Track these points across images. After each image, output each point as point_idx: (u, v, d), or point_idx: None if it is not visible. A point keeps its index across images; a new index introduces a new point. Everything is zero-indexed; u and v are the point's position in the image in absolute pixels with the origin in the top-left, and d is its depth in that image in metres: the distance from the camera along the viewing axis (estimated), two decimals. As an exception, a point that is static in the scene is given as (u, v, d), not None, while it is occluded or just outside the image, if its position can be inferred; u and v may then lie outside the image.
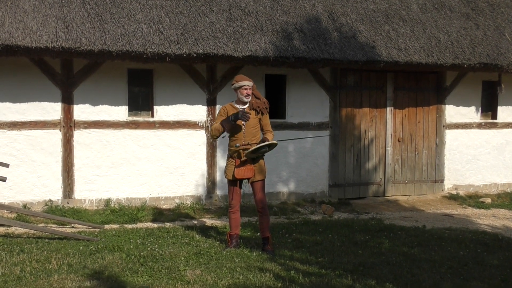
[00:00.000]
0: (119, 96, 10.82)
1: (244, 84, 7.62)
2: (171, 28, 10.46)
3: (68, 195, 10.61)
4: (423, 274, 6.74)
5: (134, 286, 6.02)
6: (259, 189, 7.77)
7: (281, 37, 11.08)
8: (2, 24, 9.50)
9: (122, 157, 10.87)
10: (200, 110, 11.32)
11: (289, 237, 8.86)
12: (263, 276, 6.47)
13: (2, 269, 6.53)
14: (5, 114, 10.20)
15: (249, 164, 7.69)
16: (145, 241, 8.17)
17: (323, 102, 12.20)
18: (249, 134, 7.67)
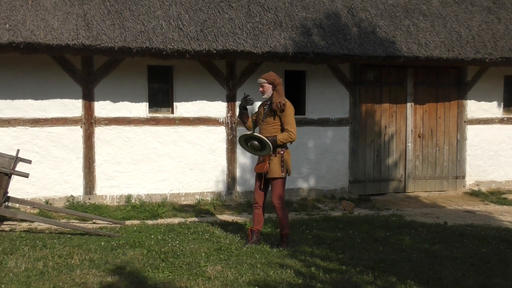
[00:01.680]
0: (139, 93, 10.87)
1: (258, 81, 7.83)
2: (190, 24, 10.48)
3: (89, 191, 10.69)
4: (445, 271, 6.69)
5: (155, 282, 6.04)
6: (274, 186, 7.77)
7: (301, 33, 11.05)
8: (24, 22, 9.58)
9: (142, 153, 10.92)
10: (220, 106, 11.34)
11: (310, 233, 8.84)
12: (283, 273, 6.47)
13: (26, 264, 6.59)
14: (27, 111, 10.29)
15: (266, 161, 7.71)
16: (166, 237, 8.20)
17: (343, 98, 12.15)
18: (265, 131, 7.71)
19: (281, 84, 7.82)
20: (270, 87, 7.73)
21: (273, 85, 7.72)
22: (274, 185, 7.76)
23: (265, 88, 7.75)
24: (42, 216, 9.31)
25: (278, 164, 7.70)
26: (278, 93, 7.71)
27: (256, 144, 7.63)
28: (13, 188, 9.13)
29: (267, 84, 7.73)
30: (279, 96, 7.69)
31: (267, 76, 7.80)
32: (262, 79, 7.78)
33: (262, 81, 7.76)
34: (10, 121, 10.21)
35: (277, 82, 7.74)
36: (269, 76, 7.78)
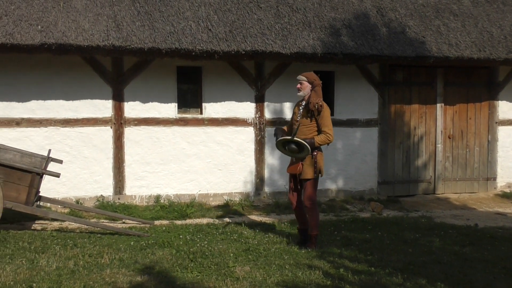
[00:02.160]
0: (168, 94, 10.93)
1: (298, 78, 7.83)
2: (219, 25, 10.51)
3: (119, 191, 10.78)
4: (476, 274, 6.61)
5: (184, 282, 6.07)
6: (306, 187, 7.75)
7: (329, 34, 11.02)
8: (56, 23, 9.71)
9: (171, 153, 10.98)
10: (249, 107, 11.35)
11: (338, 234, 8.81)
12: (312, 274, 6.46)
13: (57, 263, 6.67)
14: (58, 112, 10.42)
15: (298, 162, 7.70)
16: (195, 237, 8.24)
17: (371, 99, 12.08)
18: (301, 133, 7.68)
19: (320, 85, 7.78)
20: (308, 86, 7.71)
21: (312, 85, 7.71)
22: (306, 186, 7.73)
23: (303, 86, 7.73)
24: (72, 215, 9.43)
25: (311, 165, 7.68)
26: (316, 93, 7.68)
27: (294, 148, 7.61)
28: (44, 187, 9.25)
29: (306, 83, 7.71)
30: (317, 97, 7.65)
31: (308, 74, 7.79)
32: (303, 76, 7.76)
33: (302, 79, 7.73)
34: (42, 121, 10.35)
35: (316, 82, 7.72)
36: (309, 75, 7.78)
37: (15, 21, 9.58)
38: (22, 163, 8.39)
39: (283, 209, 10.84)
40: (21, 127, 10.28)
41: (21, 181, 7.83)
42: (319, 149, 7.78)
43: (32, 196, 7.91)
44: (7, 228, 8.59)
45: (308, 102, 7.68)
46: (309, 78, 7.73)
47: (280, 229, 9.17)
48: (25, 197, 7.87)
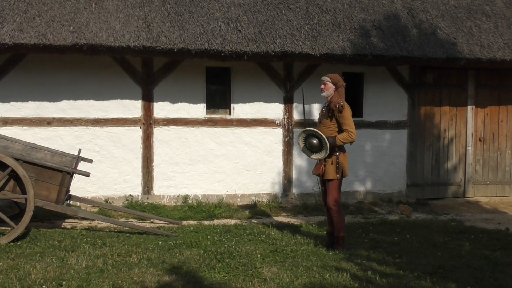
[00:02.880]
0: (197, 94, 10.98)
1: (322, 79, 7.86)
2: (249, 26, 10.53)
3: (147, 191, 10.85)
4: (507, 279, 6.51)
5: (212, 282, 6.08)
6: (329, 188, 7.73)
7: (359, 35, 10.96)
8: (87, 24, 9.81)
9: (199, 154, 11.02)
10: (277, 108, 11.34)
11: (366, 236, 8.76)
12: (339, 276, 6.43)
13: (86, 261, 6.74)
14: (89, 112, 10.53)
15: (322, 163, 7.71)
16: (222, 238, 8.25)
17: (401, 101, 11.99)
18: (322, 133, 7.67)
19: (343, 87, 7.79)
20: (332, 87, 7.73)
21: (335, 86, 7.72)
22: (329, 187, 7.73)
23: (326, 87, 7.76)
24: (102, 214, 9.51)
25: (333, 165, 7.67)
26: (339, 94, 7.71)
27: (315, 144, 7.60)
28: (74, 186, 9.34)
29: (330, 83, 7.74)
30: (339, 97, 7.66)
31: (332, 76, 7.82)
32: (327, 77, 7.79)
33: (326, 79, 7.77)
34: (72, 121, 10.46)
35: (340, 84, 7.74)
36: (334, 76, 7.80)
37: (48, 21, 9.71)
38: (53, 162, 8.49)
39: (310, 210, 10.81)
40: (52, 126, 10.41)
41: (52, 180, 7.92)
42: (342, 150, 7.75)
43: (63, 195, 7.99)
44: (38, 226, 8.71)
45: (330, 102, 7.70)
46: (333, 79, 7.76)
47: (307, 230, 9.14)
48: (56, 196, 7.95)
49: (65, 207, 8.22)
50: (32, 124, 10.32)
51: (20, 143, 8.57)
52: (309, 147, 7.70)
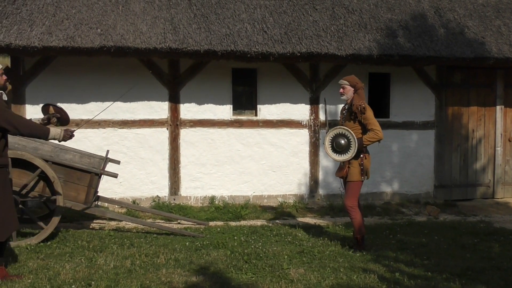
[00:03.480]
0: (223, 95, 11.01)
1: (339, 82, 7.85)
2: (274, 27, 10.53)
3: (174, 192, 10.91)
4: (537, 281, 6.43)
5: (239, 283, 6.09)
6: (349, 188, 7.72)
7: (385, 35, 10.90)
8: (114, 26, 9.90)
9: (226, 155, 11.05)
10: (303, 109, 11.33)
11: (393, 238, 8.70)
12: (367, 277, 6.39)
13: (114, 262, 6.79)
14: (117, 113, 10.62)
15: (346, 165, 7.70)
16: (249, 239, 8.26)
17: (428, 101, 11.89)
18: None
19: (363, 88, 7.77)
20: (351, 89, 7.71)
21: (354, 88, 7.69)
22: (349, 187, 7.71)
23: (345, 90, 7.74)
24: (129, 215, 9.58)
25: (357, 167, 7.64)
26: (359, 96, 7.68)
27: (342, 144, 7.55)
28: (102, 187, 9.41)
29: (349, 86, 7.72)
30: (360, 99, 7.64)
31: (349, 78, 7.80)
32: (344, 80, 7.77)
33: (344, 83, 7.75)
34: (100, 122, 10.56)
35: (359, 85, 7.71)
36: (351, 79, 7.78)
37: (76, 24, 9.82)
38: (82, 163, 8.57)
39: (337, 211, 10.77)
40: (81, 128, 10.51)
41: (81, 181, 8.00)
42: (367, 151, 7.73)
43: (91, 196, 8.06)
44: (66, 227, 8.81)
45: (351, 104, 7.69)
46: (351, 81, 7.73)
47: (334, 231, 9.11)
48: (84, 197, 8.02)
49: (93, 208, 8.29)
50: (61, 125, 10.43)
51: (49, 145, 8.67)
52: (336, 147, 7.65)
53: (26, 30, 9.56)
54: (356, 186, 7.69)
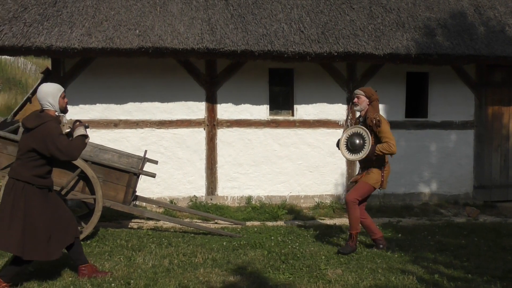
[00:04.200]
0: (260, 95, 11.02)
1: (355, 92, 7.73)
2: (311, 27, 10.50)
3: (211, 192, 10.96)
4: None
5: (276, 283, 6.10)
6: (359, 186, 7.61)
7: (424, 34, 10.78)
8: (152, 27, 9.99)
9: (263, 155, 11.06)
10: (340, 109, 11.27)
11: (432, 239, 8.62)
12: (405, 279, 6.34)
13: (153, 261, 6.87)
14: (154, 114, 10.72)
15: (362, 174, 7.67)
16: (286, 239, 8.26)
17: (467, 100, 11.71)
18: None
19: (377, 100, 7.64)
20: (366, 100, 7.59)
21: (369, 100, 7.57)
22: (360, 185, 7.59)
23: (360, 100, 7.61)
24: (167, 215, 9.67)
25: (378, 174, 7.56)
26: (373, 108, 7.55)
27: (356, 144, 7.47)
28: (140, 187, 9.51)
29: (363, 97, 7.59)
30: (374, 111, 7.52)
31: (366, 89, 7.68)
32: (360, 91, 7.64)
33: (359, 93, 7.62)
34: (138, 122, 10.67)
35: (374, 97, 7.58)
36: (367, 90, 7.65)
37: (115, 26, 9.94)
38: (120, 163, 8.69)
39: (374, 212, 10.70)
40: (119, 128, 10.65)
41: (119, 180, 8.10)
42: (386, 163, 7.66)
43: (129, 195, 8.16)
44: (105, 226, 8.93)
45: (365, 117, 7.58)
46: (366, 92, 7.60)
47: (372, 232, 9.05)
48: (123, 196, 8.12)
49: (132, 207, 8.39)
50: (100, 126, 10.57)
51: (89, 145, 8.80)
52: (350, 146, 7.55)
53: (67, 32, 9.71)
54: (367, 189, 7.58)
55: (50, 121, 5.65)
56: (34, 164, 5.63)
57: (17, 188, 5.59)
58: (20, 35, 9.57)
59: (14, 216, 5.53)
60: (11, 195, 5.58)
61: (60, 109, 5.84)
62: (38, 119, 5.67)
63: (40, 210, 5.64)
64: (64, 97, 5.91)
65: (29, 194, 5.60)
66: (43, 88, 5.81)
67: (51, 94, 5.76)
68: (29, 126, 5.66)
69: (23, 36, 9.58)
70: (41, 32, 9.67)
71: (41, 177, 5.69)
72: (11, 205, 5.56)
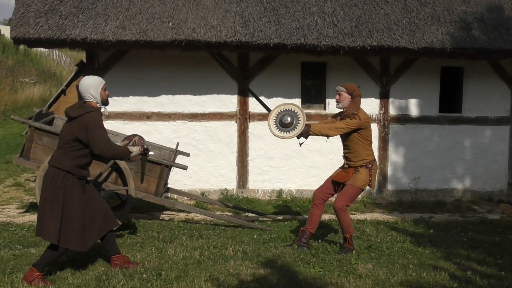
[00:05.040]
0: (292, 89, 10.99)
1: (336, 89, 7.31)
2: (345, 20, 10.42)
3: (242, 185, 10.98)
4: None
5: (306, 277, 6.07)
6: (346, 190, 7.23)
7: (459, 28, 10.62)
8: (186, 20, 10.03)
9: (294, 149, 10.99)
10: (373, 103, 11.19)
11: (465, 236, 8.51)
12: (437, 275, 6.26)
13: (183, 253, 6.89)
14: (186, 106, 10.76)
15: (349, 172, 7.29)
16: (316, 233, 8.17)
17: (503, 96, 11.53)
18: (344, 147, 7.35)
19: (360, 96, 7.18)
20: (347, 97, 7.13)
21: (351, 96, 7.12)
22: (348, 189, 7.21)
23: (342, 97, 7.17)
24: (198, 207, 9.71)
25: (365, 174, 7.18)
26: (354, 104, 7.11)
27: (289, 122, 7.06)
28: (171, 179, 9.55)
29: (345, 93, 7.14)
30: (355, 107, 7.09)
31: (347, 85, 7.22)
32: (341, 87, 7.20)
33: (341, 89, 7.18)
34: (170, 115, 10.73)
35: (356, 93, 7.14)
36: (349, 86, 7.20)
37: (149, 18, 10.00)
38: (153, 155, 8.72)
39: (406, 207, 10.63)
40: (151, 120, 10.72)
41: (151, 172, 8.14)
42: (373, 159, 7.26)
43: (161, 187, 8.20)
44: (137, 217, 9.00)
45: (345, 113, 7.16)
46: (348, 89, 7.15)
47: (403, 227, 8.99)
48: (155, 188, 8.17)
49: (163, 199, 8.44)
50: (133, 118, 10.66)
51: (122, 137, 8.87)
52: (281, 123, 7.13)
53: (101, 25, 9.80)
54: (356, 192, 7.24)
55: (93, 112, 5.71)
56: (75, 154, 5.68)
57: (58, 177, 5.65)
58: (55, 28, 9.69)
59: (54, 206, 5.61)
60: (52, 184, 5.65)
61: (101, 101, 5.90)
62: (81, 108, 5.73)
63: (78, 201, 5.70)
64: (105, 89, 5.97)
65: (69, 184, 5.66)
66: (85, 81, 5.87)
67: (92, 86, 5.83)
68: (73, 115, 5.71)
69: (59, 28, 9.70)
70: (76, 24, 9.78)
71: (81, 167, 5.75)
72: (52, 194, 5.63)
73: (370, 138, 7.26)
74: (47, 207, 5.64)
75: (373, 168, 7.23)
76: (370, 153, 7.24)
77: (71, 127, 5.69)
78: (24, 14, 9.89)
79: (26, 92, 25.35)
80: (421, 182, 11.25)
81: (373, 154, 7.31)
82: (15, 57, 29.98)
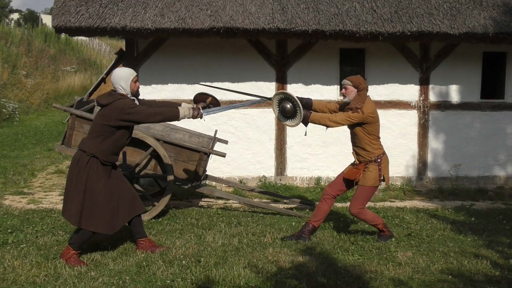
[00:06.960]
0: (330, 76, 10.92)
1: (342, 82, 7.13)
2: (384, 6, 10.29)
3: (280, 172, 10.98)
4: None
5: (345, 264, 6.05)
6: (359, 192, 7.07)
7: (502, 12, 10.39)
8: (224, 7, 10.02)
9: (332, 136, 10.94)
10: (412, 89, 11.05)
11: (507, 223, 8.38)
12: (478, 263, 6.17)
13: (222, 240, 6.93)
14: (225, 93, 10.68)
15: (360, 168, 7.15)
16: (355, 220, 8.19)
17: (548, 81, 11.29)
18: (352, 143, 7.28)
19: (366, 89, 6.99)
20: (354, 90, 6.94)
21: (357, 89, 6.93)
22: (360, 191, 7.06)
23: (348, 91, 6.98)
24: (236, 194, 9.74)
25: (376, 172, 7.03)
26: (360, 97, 6.91)
27: (288, 109, 6.94)
28: (210, 166, 9.61)
29: (351, 87, 6.96)
30: (360, 100, 6.90)
31: (353, 78, 7.02)
32: (347, 80, 7.02)
33: (346, 83, 6.99)
34: (216, 102, 10.75)
35: (362, 86, 6.94)
36: (355, 79, 7.01)
37: (187, 6, 10.03)
38: (191, 142, 8.80)
39: (446, 195, 10.50)
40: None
41: (190, 160, 8.20)
42: (383, 153, 7.13)
43: (200, 174, 8.26)
44: (176, 204, 9.09)
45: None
46: (353, 82, 6.95)
47: (443, 215, 8.88)
48: (194, 176, 8.23)
49: (202, 187, 8.49)
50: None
51: (161, 124, 8.96)
52: (283, 111, 7.02)
53: (140, 13, 9.86)
54: (369, 192, 7.08)
55: (123, 99, 5.84)
56: (102, 140, 5.84)
57: (83, 160, 5.82)
58: (96, 16, 9.80)
59: (77, 188, 5.78)
60: (77, 167, 5.82)
61: (131, 92, 6.02)
62: (111, 96, 5.89)
63: (102, 185, 5.85)
64: (136, 81, 6.07)
65: (93, 168, 5.82)
66: (116, 73, 6.02)
67: (123, 78, 5.96)
68: (103, 102, 5.90)
69: (99, 17, 9.80)
70: (116, 13, 9.86)
71: (107, 153, 5.87)
72: (76, 177, 5.81)
73: (376, 133, 7.04)
74: (71, 188, 5.84)
75: (382, 162, 7.07)
76: (377, 147, 7.07)
77: (101, 114, 5.89)
78: (65, 3, 10.02)
79: (67, 80, 25.77)
80: (462, 169, 11.09)
81: (382, 148, 7.14)
82: (56, 46, 30.45)
